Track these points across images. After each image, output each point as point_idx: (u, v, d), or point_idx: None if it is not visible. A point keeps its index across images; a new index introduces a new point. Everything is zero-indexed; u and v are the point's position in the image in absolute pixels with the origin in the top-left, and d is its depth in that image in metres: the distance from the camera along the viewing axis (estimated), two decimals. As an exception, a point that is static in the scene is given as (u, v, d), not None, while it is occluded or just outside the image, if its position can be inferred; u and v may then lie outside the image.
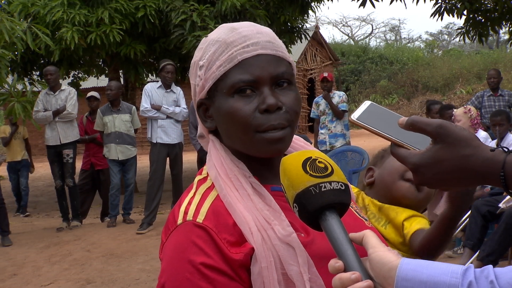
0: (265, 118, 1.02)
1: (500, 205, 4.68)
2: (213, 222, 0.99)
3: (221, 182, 1.04)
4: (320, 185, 0.89)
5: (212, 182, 1.06)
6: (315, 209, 0.88)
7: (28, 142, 9.92)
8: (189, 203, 1.04)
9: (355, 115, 1.01)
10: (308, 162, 0.91)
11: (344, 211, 0.92)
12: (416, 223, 1.43)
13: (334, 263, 0.85)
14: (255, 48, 1.04)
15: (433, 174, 0.94)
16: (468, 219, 5.15)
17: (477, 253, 4.77)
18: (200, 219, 1.00)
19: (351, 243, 0.87)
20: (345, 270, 0.84)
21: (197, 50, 1.12)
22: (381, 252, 0.86)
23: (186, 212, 1.02)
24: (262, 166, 1.10)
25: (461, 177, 0.93)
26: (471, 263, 4.77)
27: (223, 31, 1.08)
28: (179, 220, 1.02)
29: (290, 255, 0.96)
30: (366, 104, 1.03)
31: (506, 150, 0.92)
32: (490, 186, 5.49)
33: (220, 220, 1.00)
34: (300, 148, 1.20)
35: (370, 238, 0.89)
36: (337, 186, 0.90)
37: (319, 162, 0.92)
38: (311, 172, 0.90)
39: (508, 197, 4.71)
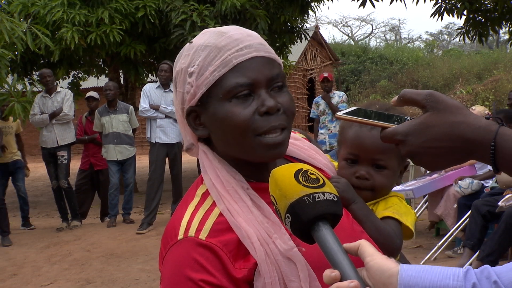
0: (265, 120, 1.01)
1: (500, 203, 4.68)
2: (217, 238, 0.97)
3: (218, 195, 1.02)
4: (314, 195, 0.88)
5: None
6: (309, 219, 0.88)
7: (21, 139, 8.33)
8: (192, 218, 1.01)
9: (340, 112, 1.02)
10: (300, 173, 0.91)
11: (336, 222, 0.91)
12: (380, 210, 1.41)
13: (330, 272, 0.84)
14: (249, 50, 1.02)
15: (421, 141, 0.90)
16: (468, 219, 5.15)
17: (477, 253, 4.77)
18: (203, 236, 0.98)
19: (346, 253, 0.87)
20: (341, 279, 0.84)
21: (181, 57, 1.07)
22: (379, 260, 0.86)
23: (188, 228, 1.00)
24: (259, 170, 1.08)
25: (451, 146, 0.89)
26: (471, 263, 4.77)
27: (210, 36, 1.05)
28: (180, 235, 0.99)
29: (291, 270, 0.95)
30: (353, 107, 1.05)
31: (500, 121, 0.90)
32: (483, 179, 5.50)
33: (225, 236, 0.98)
34: (291, 145, 1.18)
35: (366, 247, 0.89)
36: (330, 197, 0.90)
37: (310, 173, 0.92)
38: (304, 183, 0.90)
39: (508, 196, 4.71)
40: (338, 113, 1.02)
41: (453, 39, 39.75)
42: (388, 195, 1.43)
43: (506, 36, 13.07)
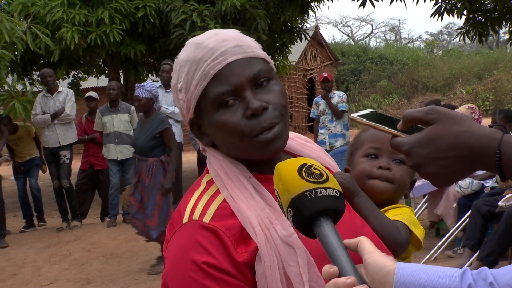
0: (254, 122, 1.03)
1: (500, 203, 4.68)
2: (220, 222, 1.00)
3: (222, 183, 1.05)
4: (316, 190, 0.89)
5: None
6: (310, 214, 0.88)
7: (39, 139, 8.13)
8: (196, 203, 1.05)
9: (354, 114, 1.03)
10: (304, 168, 0.92)
11: (338, 218, 0.92)
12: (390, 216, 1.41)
13: (329, 268, 0.85)
14: (224, 57, 1.04)
15: (427, 153, 0.91)
16: (468, 219, 5.15)
17: (477, 253, 4.77)
18: (206, 219, 1.00)
19: (346, 249, 0.87)
20: (340, 275, 0.84)
21: (173, 73, 1.12)
22: (377, 257, 0.87)
23: (192, 212, 1.03)
24: (263, 165, 1.10)
25: (456, 156, 0.90)
26: (471, 263, 4.77)
27: (190, 49, 1.08)
28: (185, 219, 1.03)
29: (291, 255, 0.97)
30: (368, 110, 1.06)
31: (504, 129, 0.90)
32: (484, 179, 5.51)
33: (228, 220, 1.00)
34: (300, 145, 1.21)
35: (365, 244, 0.90)
36: (332, 193, 0.90)
37: (314, 168, 0.93)
38: (307, 178, 0.90)
39: (508, 196, 4.71)
40: (352, 114, 1.03)
41: (453, 39, 39.77)
42: (400, 205, 1.44)
43: (506, 36, 13.07)
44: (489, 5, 9.72)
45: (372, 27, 46.33)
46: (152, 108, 5.36)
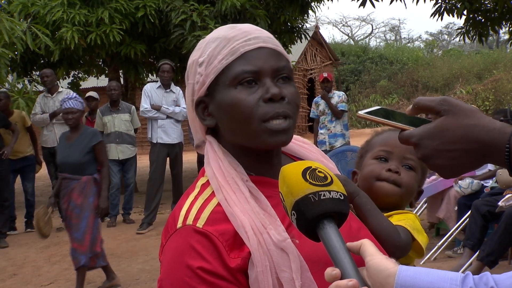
0: (269, 106, 1.03)
1: (500, 203, 4.68)
2: (214, 227, 0.99)
3: (218, 185, 1.04)
4: (320, 193, 0.89)
5: None
6: (313, 217, 0.88)
7: (33, 131, 7.66)
8: (190, 207, 1.04)
9: (362, 111, 1.03)
10: (308, 171, 0.92)
11: (342, 221, 0.92)
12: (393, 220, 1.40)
13: (331, 271, 0.85)
14: (257, 41, 1.06)
15: (436, 144, 0.91)
16: (468, 219, 5.15)
17: (477, 253, 4.77)
18: (200, 224, 1.00)
19: (348, 252, 0.88)
20: (342, 278, 0.84)
21: (195, 51, 1.13)
22: (378, 260, 0.87)
23: (186, 216, 1.02)
24: (260, 162, 1.10)
25: (465, 149, 0.89)
26: (471, 263, 4.77)
27: (222, 30, 1.10)
28: (179, 224, 1.02)
29: (284, 261, 0.97)
30: (375, 107, 1.06)
31: None
32: (490, 182, 5.50)
33: (221, 225, 1.00)
34: (299, 147, 1.21)
35: (368, 247, 0.90)
36: (336, 196, 0.90)
37: (318, 171, 0.93)
38: (311, 181, 0.91)
39: (508, 196, 4.71)
40: (360, 112, 1.03)
41: (453, 39, 39.77)
42: (405, 211, 1.43)
43: (506, 36, 13.06)
44: (489, 5, 9.71)
45: (372, 27, 46.41)
46: (80, 122, 5.02)
